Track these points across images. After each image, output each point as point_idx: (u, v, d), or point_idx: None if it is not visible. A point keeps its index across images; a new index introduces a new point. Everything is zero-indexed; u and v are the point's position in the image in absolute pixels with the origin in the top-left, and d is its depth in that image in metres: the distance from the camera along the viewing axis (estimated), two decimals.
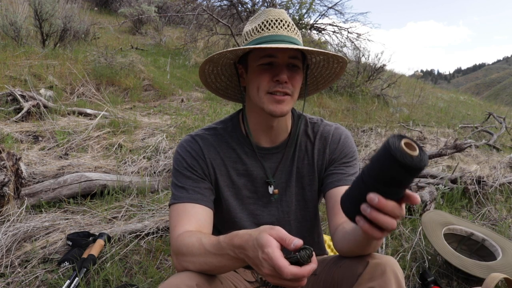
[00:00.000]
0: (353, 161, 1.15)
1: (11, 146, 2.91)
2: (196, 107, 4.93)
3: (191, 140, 1.14)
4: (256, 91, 1.05)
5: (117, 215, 2.31)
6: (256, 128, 1.14)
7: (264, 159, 1.15)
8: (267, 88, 1.03)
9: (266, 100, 1.04)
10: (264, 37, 1.03)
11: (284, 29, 1.04)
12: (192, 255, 0.92)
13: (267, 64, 1.03)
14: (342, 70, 1.14)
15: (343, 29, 8.24)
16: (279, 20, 1.04)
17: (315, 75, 1.21)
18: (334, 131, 1.18)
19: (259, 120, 1.12)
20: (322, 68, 1.18)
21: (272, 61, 1.02)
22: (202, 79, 1.17)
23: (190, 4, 8.65)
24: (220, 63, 1.13)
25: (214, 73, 1.17)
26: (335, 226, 1.05)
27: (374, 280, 0.89)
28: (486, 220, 2.56)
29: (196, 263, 0.91)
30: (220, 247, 0.85)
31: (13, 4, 5.95)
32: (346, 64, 1.12)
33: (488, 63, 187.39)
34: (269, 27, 1.04)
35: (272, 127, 1.13)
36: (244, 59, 1.09)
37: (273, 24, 1.04)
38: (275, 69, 1.03)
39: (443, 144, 4.39)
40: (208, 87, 1.22)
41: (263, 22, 1.05)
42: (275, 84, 1.02)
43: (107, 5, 11.83)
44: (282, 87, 1.02)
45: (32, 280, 1.70)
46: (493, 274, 1.45)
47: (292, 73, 1.04)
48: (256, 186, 1.16)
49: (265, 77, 1.03)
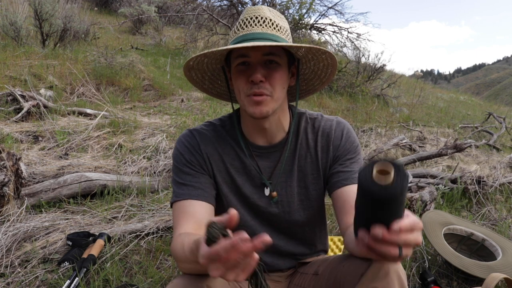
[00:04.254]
0: (357, 156, 1.13)
1: (11, 146, 2.91)
2: (196, 107, 4.93)
3: (189, 135, 1.13)
4: (239, 94, 1.04)
5: (117, 215, 2.31)
6: (250, 129, 1.13)
7: (261, 158, 1.13)
8: (245, 90, 1.01)
9: (246, 102, 1.01)
10: (239, 37, 1.01)
11: (259, 26, 1.01)
12: (178, 260, 0.92)
13: (242, 64, 1.01)
14: (334, 60, 1.09)
15: (343, 29, 8.23)
16: (254, 17, 1.02)
17: (312, 69, 1.16)
18: (336, 126, 1.14)
19: (250, 121, 1.11)
20: (313, 61, 1.13)
21: (245, 60, 1.00)
22: (198, 87, 1.17)
23: (190, 4, 8.65)
24: (208, 69, 1.12)
25: (207, 79, 1.16)
26: (345, 226, 1.02)
27: (377, 281, 0.87)
28: (486, 220, 2.56)
29: (185, 268, 0.91)
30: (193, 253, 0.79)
31: (13, 4, 5.95)
32: (333, 55, 1.07)
33: (488, 63, 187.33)
34: (244, 26, 1.02)
35: (264, 128, 1.10)
36: (229, 62, 1.07)
37: (247, 22, 1.02)
38: (250, 70, 1.00)
39: (443, 144, 4.39)
40: (210, 93, 1.21)
41: (239, 22, 1.04)
42: (251, 85, 0.99)
43: (107, 5, 11.83)
44: (258, 88, 0.98)
45: (32, 280, 1.70)
46: (493, 274, 1.45)
47: (270, 70, 1.00)
48: (254, 185, 1.15)
49: (242, 79, 1.01)
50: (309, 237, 1.22)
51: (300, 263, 1.21)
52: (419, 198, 2.52)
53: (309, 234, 1.21)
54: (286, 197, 1.15)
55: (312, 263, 1.16)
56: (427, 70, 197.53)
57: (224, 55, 1.08)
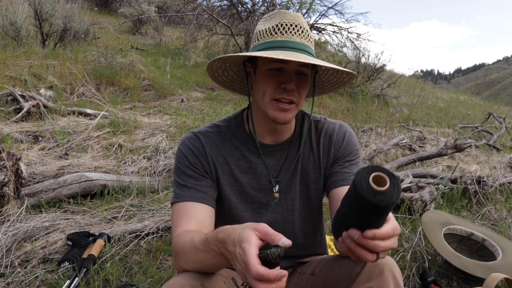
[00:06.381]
0: (356, 159, 1.16)
1: (11, 146, 2.91)
2: (196, 107, 4.93)
3: (193, 137, 1.14)
4: (262, 95, 1.04)
5: (117, 215, 2.31)
6: (260, 128, 1.14)
7: (267, 156, 1.15)
8: (273, 94, 1.02)
9: (270, 106, 1.03)
10: (277, 42, 1.01)
11: (298, 36, 1.01)
12: (185, 254, 0.92)
13: (276, 69, 1.02)
14: (350, 80, 1.14)
15: (343, 29, 8.23)
16: (294, 25, 1.01)
17: (323, 80, 1.21)
18: (338, 129, 1.18)
19: (263, 121, 1.12)
20: (330, 76, 1.17)
21: (281, 67, 1.01)
22: (209, 72, 1.16)
23: (190, 4, 8.65)
24: (229, 61, 1.12)
25: (222, 68, 1.16)
26: None
27: (372, 280, 0.89)
28: (486, 220, 2.56)
29: (189, 262, 0.92)
30: (207, 242, 0.85)
31: (13, 4, 5.95)
32: (355, 77, 1.11)
33: (488, 63, 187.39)
34: (283, 31, 1.01)
35: (276, 129, 1.13)
36: (254, 59, 1.08)
37: (287, 28, 1.01)
38: (283, 76, 1.01)
39: (443, 144, 4.39)
40: (215, 79, 1.21)
41: (277, 25, 1.02)
42: (281, 90, 1.01)
43: (107, 5, 11.83)
44: (289, 95, 1.01)
45: (32, 280, 1.70)
46: (493, 274, 1.45)
47: (300, 81, 1.03)
48: (260, 184, 1.15)
49: (273, 83, 1.02)
50: (308, 237, 1.22)
51: (298, 263, 1.23)
52: (419, 198, 2.52)
53: (308, 234, 1.22)
54: (290, 194, 1.17)
55: (310, 263, 1.17)
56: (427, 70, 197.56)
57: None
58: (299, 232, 1.20)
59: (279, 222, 1.17)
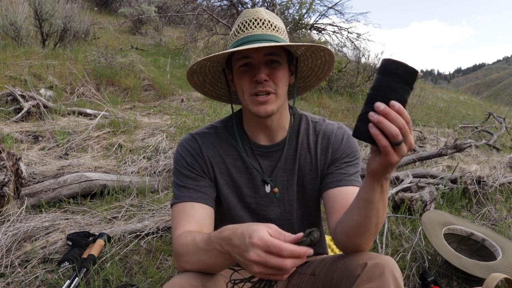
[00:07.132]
0: (354, 161, 1.15)
1: (11, 146, 2.91)
2: (196, 107, 4.94)
3: (190, 139, 1.15)
4: (242, 94, 1.07)
5: (117, 215, 2.31)
6: (253, 127, 1.15)
7: (263, 157, 1.16)
8: (249, 90, 1.04)
9: (250, 102, 1.05)
10: (240, 40, 1.05)
11: (259, 28, 1.05)
12: (187, 254, 0.93)
13: (245, 65, 1.04)
14: (332, 57, 1.13)
15: (343, 29, 8.24)
16: (253, 20, 1.05)
17: (309, 66, 1.19)
18: (337, 131, 1.17)
19: (253, 120, 1.14)
20: (311, 58, 1.16)
21: (248, 61, 1.03)
22: (199, 90, 1.20)
23: (190, 4, 8.65)
24: (209, 72, 1.14)
25: (208, 82, 1.19)
26: (334, 223, 1.04)
27: (373, 281, 0.89)
28: (486, 220, 2.56)
29: (191, 262, 0.92)
30: (210, 241, 0.86)
31: (13, 4, 5.95)
32: (331, 51, 1.11)
33: (488, 63, 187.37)
34: (244, 29, 1.06)
35: (267, 126, 1.13)
36: (230, 64, 1.10)
37: (247, 25, 1.05)
38: (253, 70, 1.03)
39: (443, 144, 4.39)
40: (209, 96, 1.24)
41: (239, 25, 1.07)
42: (255, 85, 1.03)
43: (107, 5, 11.83)
44: (263, 86, 1.02)
45: (32, 280, 1.70)
46: (493, 274, 1.45)
47: (272, 69, 1.04)
48: (256, 184, 1.16)
49: (246, 79, 1.04)
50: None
51: None
52: (419, 198, 2.52)
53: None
54: (288, 195, 1.17)
55: (310, 263, 1.17)
56: (427, 70, 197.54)
57: (225, 58, 1.11)
58: (298, 232, 1.20)
59: (278, 223, 1.17)
